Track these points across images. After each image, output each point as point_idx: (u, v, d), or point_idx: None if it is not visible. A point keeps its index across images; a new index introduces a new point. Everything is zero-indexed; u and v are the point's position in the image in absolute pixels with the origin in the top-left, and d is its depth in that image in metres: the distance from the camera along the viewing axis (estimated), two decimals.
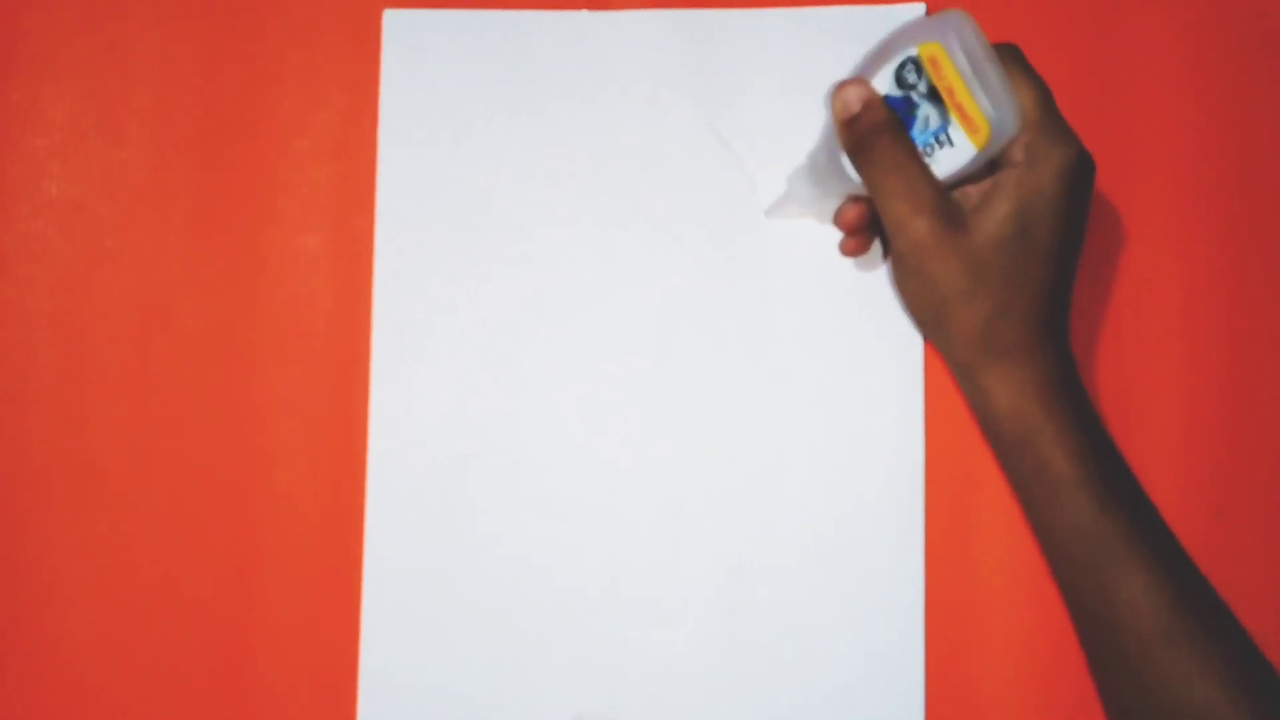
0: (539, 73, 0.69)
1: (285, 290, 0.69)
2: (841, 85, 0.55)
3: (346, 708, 0.66)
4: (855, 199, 0.59)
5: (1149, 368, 0.67)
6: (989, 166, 0.54)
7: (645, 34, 0.68)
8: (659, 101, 0.68)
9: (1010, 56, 0.55)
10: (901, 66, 0.53)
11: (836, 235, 0.65)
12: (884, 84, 0.54)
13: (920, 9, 0.67)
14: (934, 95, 0.53)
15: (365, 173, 0.69)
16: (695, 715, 0.66)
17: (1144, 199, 0.67)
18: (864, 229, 0.60)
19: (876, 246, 0.64)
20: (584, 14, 0.69)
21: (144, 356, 0.68)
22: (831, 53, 0.67)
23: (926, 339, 0.56)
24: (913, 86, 0.53)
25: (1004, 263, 0.53)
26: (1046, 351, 0.54)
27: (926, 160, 0.53)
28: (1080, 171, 0.54)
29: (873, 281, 0.67)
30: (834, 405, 0.66)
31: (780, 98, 0.68)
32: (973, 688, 0.65)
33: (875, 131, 0.54)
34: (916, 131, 0.53)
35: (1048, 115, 0.54)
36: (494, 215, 0.68)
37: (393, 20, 0.69)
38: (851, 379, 0.66)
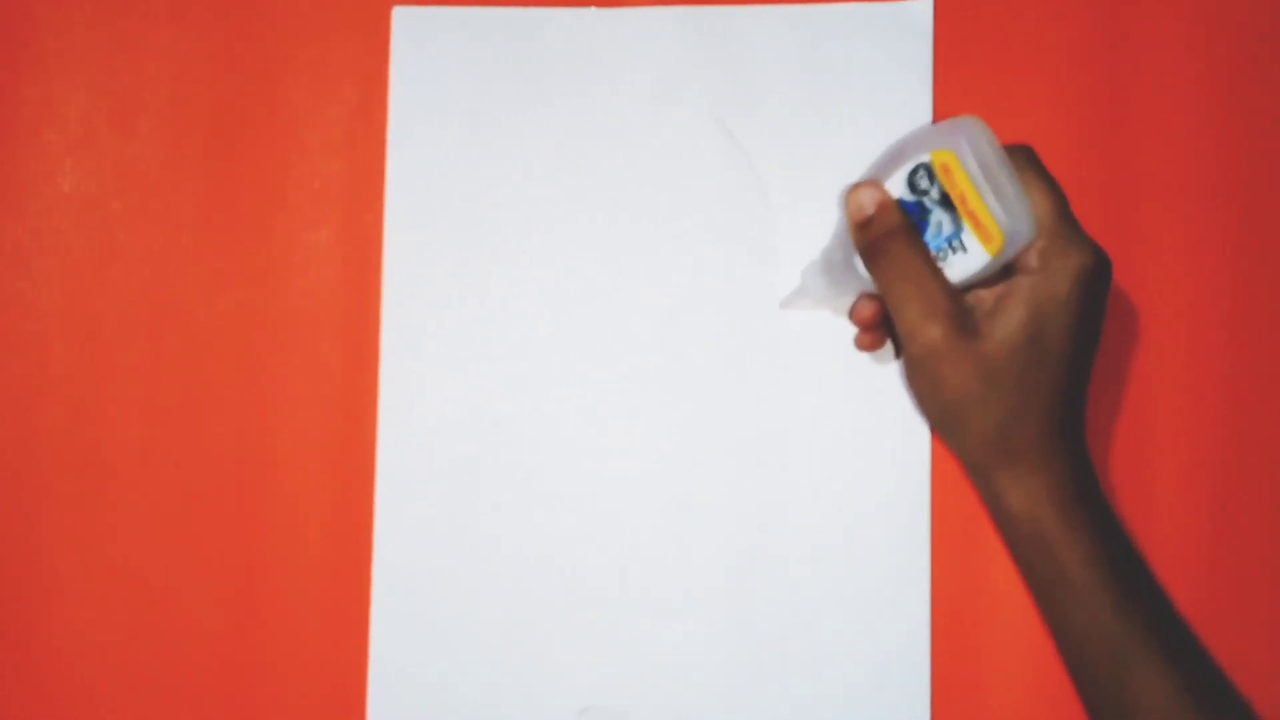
0: (548, 69, 0.69)
1: (295, 284, 0.69)
2: (855, 187, 0.55)
3: (357, 701, 0.67)
4: (870, 295, 0.58)
5: (1153, 364, 0.67)
6: (1003, 270, 0.54)
7: (654, 30, 0.69)
8: (667, 97, 0.69)
9: (1024, 159, 0.54)
10: (914, 172, 0.53)
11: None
12: (897, 188, 0.54)
13: (927, 6, 0.67)
14: (947, 202, 0.53)
15: (375, 168, 0.69)
16: (701, 709, 0.66)
17: (1149, 198, 0.67)
18: (879, 325, 0.59)
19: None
20: (592, 11, 0.69)
21: (155, 350, 0.69)
22: (839, 49, 0.68)
23: (937, 437, 0.56)
24: (925, 192, 0.53)
25: (1017, 369, 0.52)
26: (1062, 454, 0.54)
27: (940, 265, 0.53)
28: (1096, 276, 0.53)
29: None
30: (840, 402, 0.67)
31: (788, 93, 0.68)
32: (978, 683, 0.65)
33: (889, 236, 0.53)
34: (930, 236, 0.53)
35: (1063, 221, 0.53)
36: (503, 210, 0.69)
37: (402, 17, 0.70)
38: (858, 375, 0.67)
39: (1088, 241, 0.53)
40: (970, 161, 0.52)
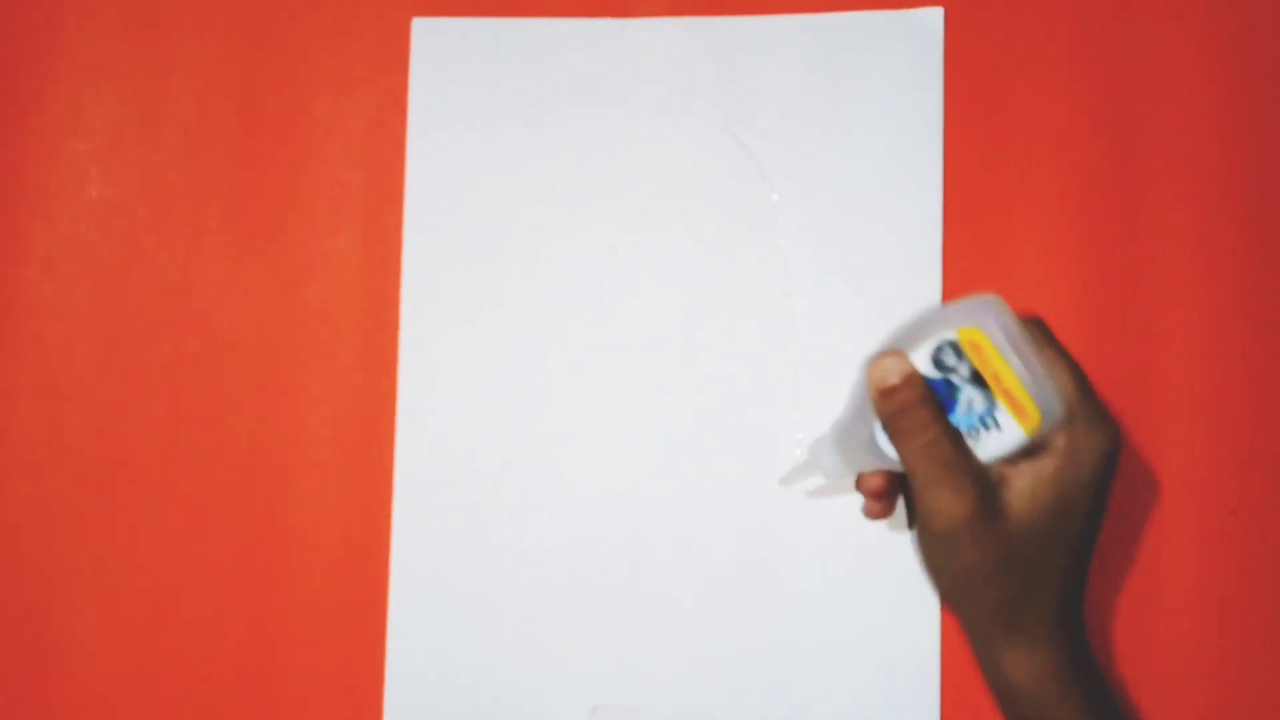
0: (563, 79, 0.70)
1: (316, 290, 0.70)
2: (880, 356, 0.53)
3: (374, 698, 0.68)
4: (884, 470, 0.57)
5: (1167, 368, 0.66)
6: (1027, 447, 0.53)
7: (666, 41, 0.70)
8: (680, 107, 0.69)
9: (1040, 332, 0.53)
10: (939, 349, 0.52)
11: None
12: (920, 364, 0.52)
13: (938, 14, 0.68)
14: (977, 379, 0.51)
15: (394, 176, 0.70)
16: (712, 708, 0.66)
17: (1160, 204, 0.67)
18: (889, 495, 0.57)
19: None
20: (606, 22, 0.70)
21: (178, 354, 0.70)
22: (851, 58, 0.68)
23: (943, 603, 0.55)
24: (953, 370, 0.52)
25: (1035, 550, 0.52)
26: (1064, 630, 0.53)
27: (971, 443, 0.52)
28: (1115, 456, 0.52)
29: (885, 282, 0.67)
30: None
31: (799, 103, 0.69)
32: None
33: (915, 406, 0.52)
34: (960, 414, 0.52)
35: (1087, 399, 0.52)
36: (520, 218, 0.70)
37: (421, 29, 0.71)
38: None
39: (1109, 419, 0.52)
40: (1001, 340, 0.51)
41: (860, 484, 0.56)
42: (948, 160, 0.68)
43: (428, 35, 0.71)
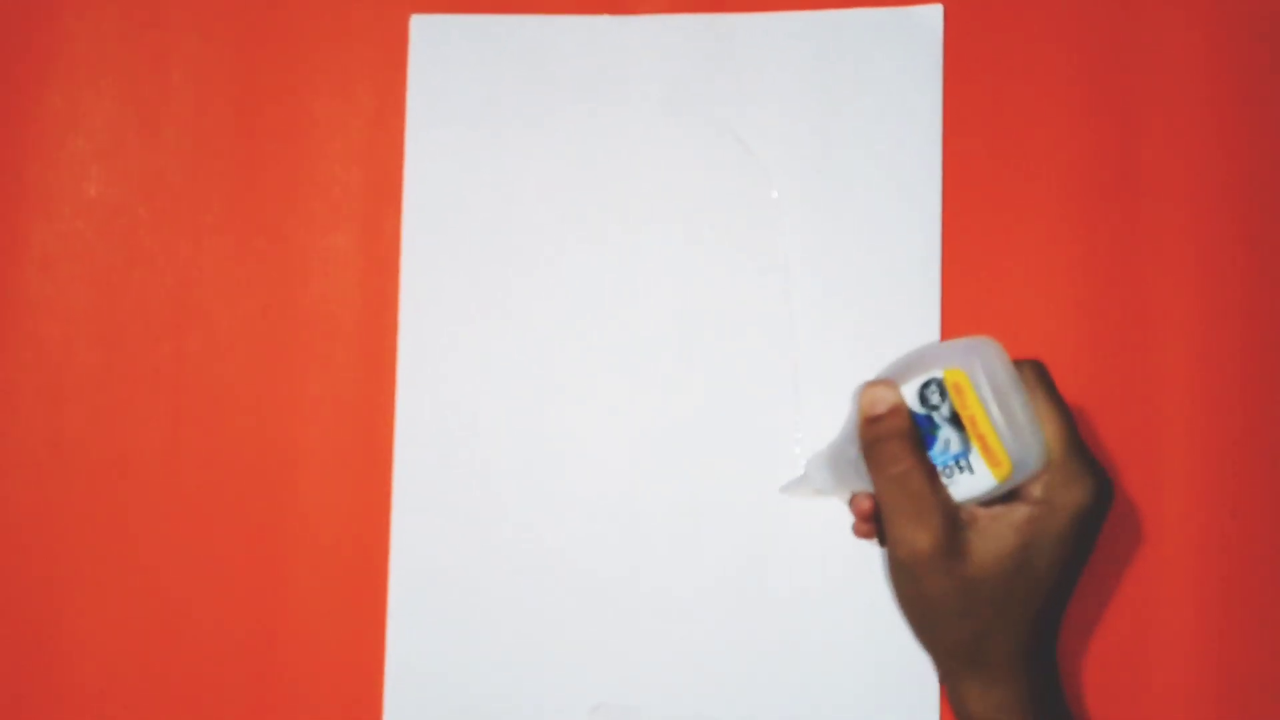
0: (562, 76, 0.70)
1: (315, 288, 0.70)
2: (871, 384, 0.54)
3: (374, 698, 0.68)
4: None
5: (1166, 367, 0.66)
6: (1008, 492, 0.53)
7: (665, 38, 0.70)
8: (679, 103, 0.69)
9: (1035, 378, 0.53)
10: (926, 385, 0.52)
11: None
12: (909, 397, 0.53)
13: (937, 11, 0.68)
14: (956, 421, 0.52)
15: (393, 174, 0.70)
16: (712, 707, 0.66)
17: (1158, 203, 0.67)
18: (878, 518, 0.57)
19: None
20: (605, 19, 0.70)
21: (178, 353, 0.70)
22: (850, 55, 0.68)
23: (911, 631, 0.56)
24: (935, 408, 0.52)
25: (999, 593, 0.52)
26: (1030, 670, 0.53)
27: (945, 480, 0.52)
28: (1096, 510, 0.52)
29: (885, 281, 0.67)
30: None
31: (799, 99, 0.68)
32: None
33: (894, 436, 0.53)
34: (937, 452, 0.52)
35: (1072, 451, 0.52)
36: (518, 215, 0.70)
37: (420, 26, 0.71)
38: (871, 375, 0.67)
39: (1094, 473, 0.52)
40: (983, 384, 0.51)
41: (850, 504, 0.57)
42: (947, 157, 0.68)
43: (426, 32, 0.71)
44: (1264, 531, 0.65)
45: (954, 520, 0.52)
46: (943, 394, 0.52)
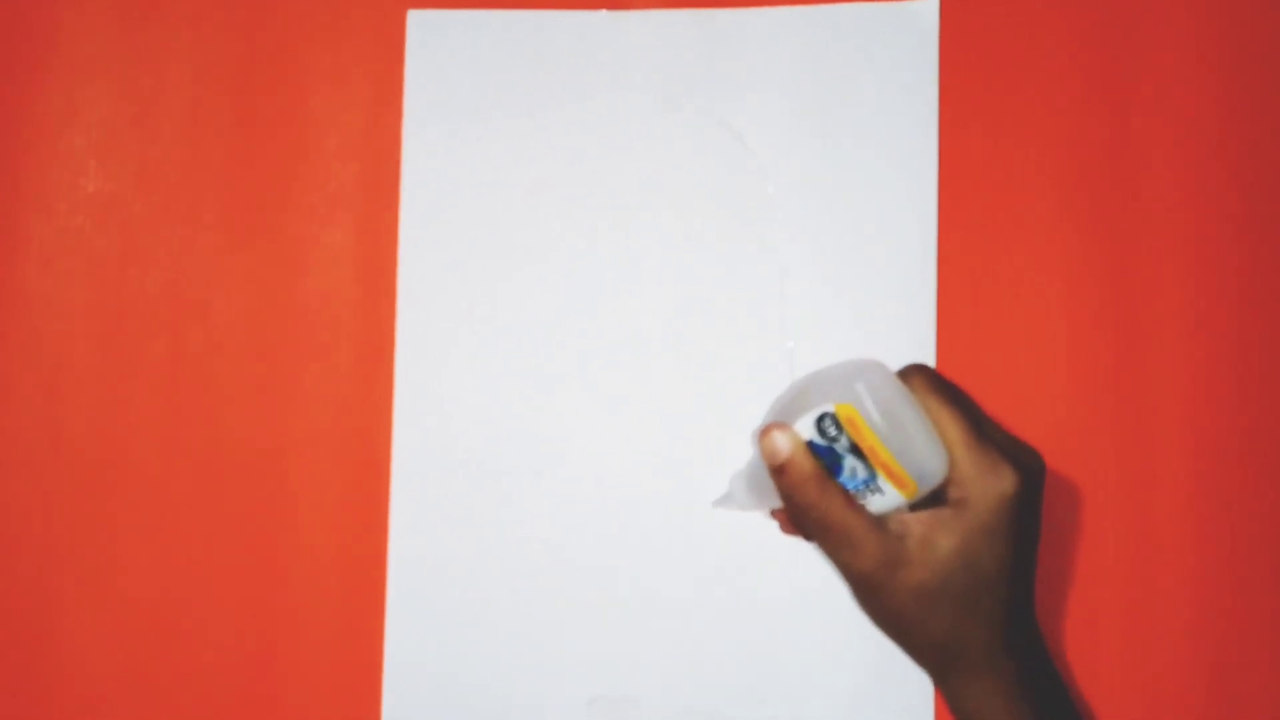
0: (559, 71, 0.70)
1: (312, 283, 0.70)
2: (768, 430, 0.54)
3: (373, 691, 0.68)
4: None
5: (1165, 366, 0.67)
6: (931, 495, 0.53)
7: (662, 32, 0.70)
8: (674, 99, 0.69)
9: (925, 384, 0.53)
10: (821, 419, 0.52)
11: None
12: (807, 430, 0.53)
13: (932, 5, 0.68)
14: (857, 450, 0.52)
15: (390, 169, 0.70)
16: (708, 699, 0.67)
17: (1154, 197, 0.67)
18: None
19: None
20: (602, 14, 0.70)
21: (175, 348, 0.70)
22: (845, 49, 0.68)
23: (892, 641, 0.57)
24: (835, 439, 0.52)
25: (954, 593, 0.53)
26: (1012, 656, 0.54)
27: (861, 501, 0.53)
28: (1019, 497, 0.52)
29: (881, 274, 0.68)
30: None
31: (795, 94, 0.69)
32: None
33: (804, 483, 0.53)
34: (846, 478, 0.52)
35: (975, 447, 0.52)
36: (515, 209, 0.70)
37: (417, 21, 0.71)
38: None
39: (1004, 462, 0.52)
40: (873, 413, 0.52)
41: (774, 515, 0.57)
42: (942, 151, 0.68)
43: (423, 27, 0.71)
44: (1264, 532, 0.65)
45: (888, 535, 0.53)
46: (839, 427, 0.52)
